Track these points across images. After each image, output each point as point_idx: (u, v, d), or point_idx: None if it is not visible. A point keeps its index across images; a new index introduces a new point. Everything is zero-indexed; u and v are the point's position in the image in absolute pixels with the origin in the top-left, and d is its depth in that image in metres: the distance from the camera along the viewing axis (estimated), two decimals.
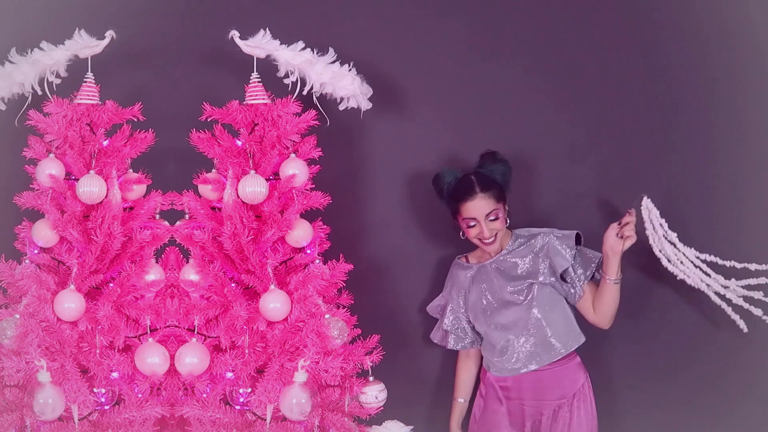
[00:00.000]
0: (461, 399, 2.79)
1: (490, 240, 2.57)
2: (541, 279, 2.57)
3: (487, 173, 2.59)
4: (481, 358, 2.76)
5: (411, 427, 2.52)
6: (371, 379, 2.47)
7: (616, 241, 2.50)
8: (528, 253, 2.61)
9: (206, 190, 2.54)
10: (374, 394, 2.46)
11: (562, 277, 2.59)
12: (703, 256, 2.63)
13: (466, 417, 2.82)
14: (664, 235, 2.60)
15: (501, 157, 2.62)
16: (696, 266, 2.63)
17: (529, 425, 2.64)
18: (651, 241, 2.60)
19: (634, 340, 2.87)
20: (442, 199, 2.66)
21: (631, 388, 2.88)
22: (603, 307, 2.57)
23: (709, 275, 2.63)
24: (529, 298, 2.59)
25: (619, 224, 2.51)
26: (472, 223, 2.56)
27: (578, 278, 2.59)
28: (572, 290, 2.60)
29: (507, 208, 2.63)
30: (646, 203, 2.59)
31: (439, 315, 2.78)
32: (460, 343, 2.75)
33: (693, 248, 2.63)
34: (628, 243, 2.50)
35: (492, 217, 2.55)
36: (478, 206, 2.54)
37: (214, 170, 2.55)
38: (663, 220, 2.60)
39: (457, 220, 2.63)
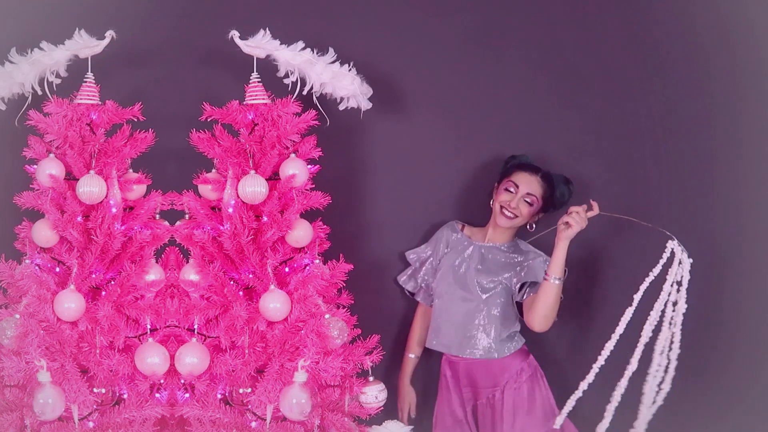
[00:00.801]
0: (413, 354, 2.86)
1: (511, 215, 2.65)
2: (507, 282, 2.68)
3: (554, 178, 2.70)
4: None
5: (411, 427, 2.52)
6: (371, 379, 2.47)
7: (566, 230, 2.52)
8: (515, 264, 2.70)
9: (206, 190, 2.54)
10: (374, 394, 2.46)
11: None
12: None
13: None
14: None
15: (571, 186, 2.73)
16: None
17: (469, 409, 2.72)
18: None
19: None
20: (504, 167, 2.75)
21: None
22: (536, 305, 2.58)
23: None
24: (490, 294, 2.67)
25: (567, 212, 2.53)
26: (513, 189, 2.65)
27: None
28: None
29: (539, 217, 2.72)
30: (675, 248, 2.44)
31: (416, 264, 2.84)
32: (428, 300, 2.82)
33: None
34: (570, 231, 2.51)
35: (528, 200, 2.65)
36: (530, 182, 2.66)
37: (214, 170, 2.55)
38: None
39: (500, 184, 2.70)
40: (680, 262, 2.42)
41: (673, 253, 2.44)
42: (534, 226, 2.73)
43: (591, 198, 2.59)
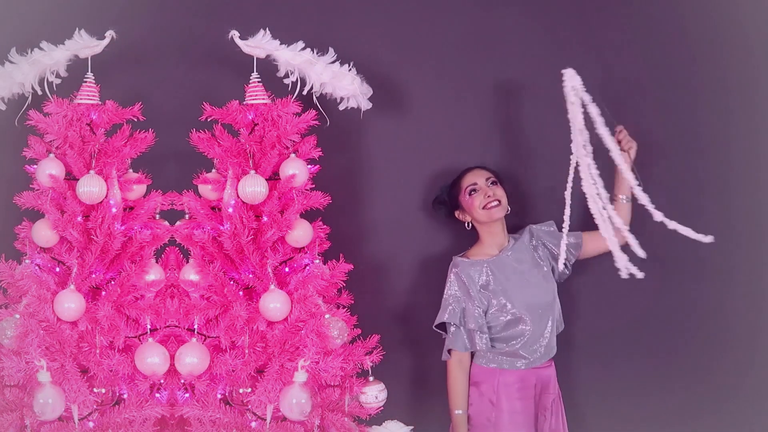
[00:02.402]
0: (460, 411, 2.63)
1: (495, 203, 2.64)
2: (544, 267, 2.69)
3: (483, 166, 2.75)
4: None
5: (411, 427, 2.52)
6: (371, 379, 2.47)
7: (624, 154, 2.53)
8: (525, 249, 2.71)
9: (206, 190, 2.54)
10: (374, 394, 2.46)
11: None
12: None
13: None
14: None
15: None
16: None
17: (537, 419, 2.66)
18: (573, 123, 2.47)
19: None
20: (448, 197, 2.76)
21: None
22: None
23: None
24: (549, 283, 2.69)
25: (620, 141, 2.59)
26: (475, 188, 2.66)
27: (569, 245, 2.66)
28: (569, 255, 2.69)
29: (505, 190, 2.71)
30: (568, 74, 2.43)
31: (457, 322, 2.63)
32: (483, 340, 2.62)
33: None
34: (633, 152, 2.62)
35: (492, 181, 2.68)
36: (477, 173, 2.70)
37: (214, 170, 2.55)
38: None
39: (460, 202, 2.70)
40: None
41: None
42: (509, 208, 2.70)
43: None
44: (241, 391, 2.42)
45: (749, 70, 2.84)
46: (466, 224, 2.73)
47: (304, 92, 2.53)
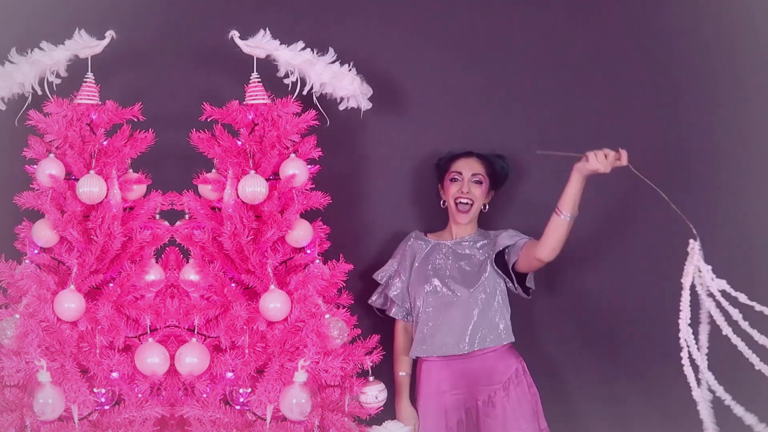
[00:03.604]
0: (404, 372, 2.75)
1: (467, 201, 2.66)
2: (486, 265, 2.67)
3: (488, 156, 2.74)
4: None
5: (410, 427, 2.52)
6: (371, 379, 2.47)
7: (582, 163, 2.36)
8: (483, 246, 2.71)
9: (206, 190, 2.54)
10: (374, 394, 2.45)
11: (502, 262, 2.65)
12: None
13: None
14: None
15: (506, 160, 2.78)
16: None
17: (463, 414, 2.65)
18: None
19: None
20: (438, 168, 2.77)
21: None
22: (547, 239, 2.47)
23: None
24: (478, 283, 2.65)
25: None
26: (457, 177, 2.67)
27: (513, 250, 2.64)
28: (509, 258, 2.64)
29: (491, 194, 2.73)
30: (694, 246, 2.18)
31: (385, 281, 2.78)
32: (402, 313, 2.76)
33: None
34: (585, 166, 2.34)
35: (476, 179, 2.66)
36: (468, 164, 2.70)
37: (214, 170, 2.55)
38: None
39: (443, 181, 2.72)
40: (699, 270, 2.16)
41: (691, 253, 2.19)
42: (487, 206, 2.73)
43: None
44: (241, 391, 2.41)
45: (757, 66, 2.84)
46: (441, 203, 2.76)
47: (304, 92, 2.53)
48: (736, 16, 2.84)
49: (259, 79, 2.52)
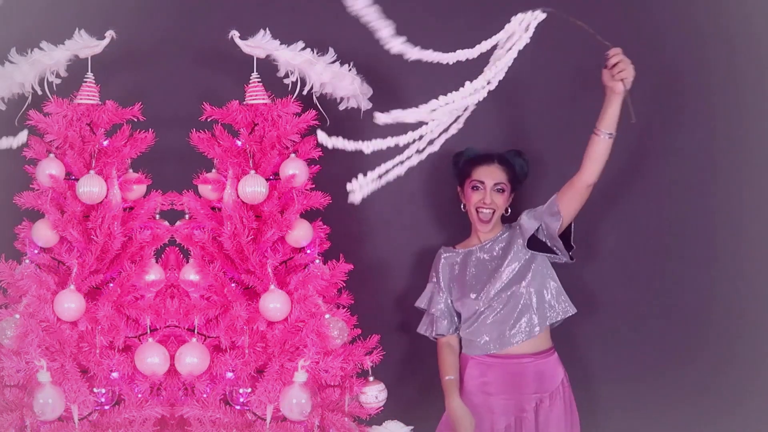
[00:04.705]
0: (451, 376, 2.67)
1: (489, 211, 2.65)
2: (518, 254, 2.64)
3: (508, 158, 2.71)
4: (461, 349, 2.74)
5: (411, 427, 2.52)
6: (371, 379, 2.47)
7: (614, 83, 2.37)
8: (509, 237, 2.70)
9: (206, 190, 2.54)
10: (374, 394, 2.46)
11: (540, 240, 2.62)
12: None
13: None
14: None
15: (524, 156, 2.74)
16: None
17: (512, 421, 2.62)
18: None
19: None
20: (456, 168, 2.74)
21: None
22: (590, 160, 2.46)
23: None
24: (515, 275, 2.63)
25: (606, 67, 2.38)
26: (479, 186, 2.66)
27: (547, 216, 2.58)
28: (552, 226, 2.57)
29: (512, 196, 2.72)
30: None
31: (426, 306, 2.76)
32: (452, 327, 2.73)
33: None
34: (629, 81, 2.36)
35: (498, 188, 2.66)
36: (491, 172, 2.67)
37: (214, 170, 2.55)
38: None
39: (464, 186, 2.71)
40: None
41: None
42: (509, 210, 2.71)
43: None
44: (241, 391, 2.42)
45: (755, 65, 2.84)
46: (462, 206, 2.75)
47: (304, 92, 2.53)
48: (736, 15, 2.84)
49: (259, 79, 2.52)
